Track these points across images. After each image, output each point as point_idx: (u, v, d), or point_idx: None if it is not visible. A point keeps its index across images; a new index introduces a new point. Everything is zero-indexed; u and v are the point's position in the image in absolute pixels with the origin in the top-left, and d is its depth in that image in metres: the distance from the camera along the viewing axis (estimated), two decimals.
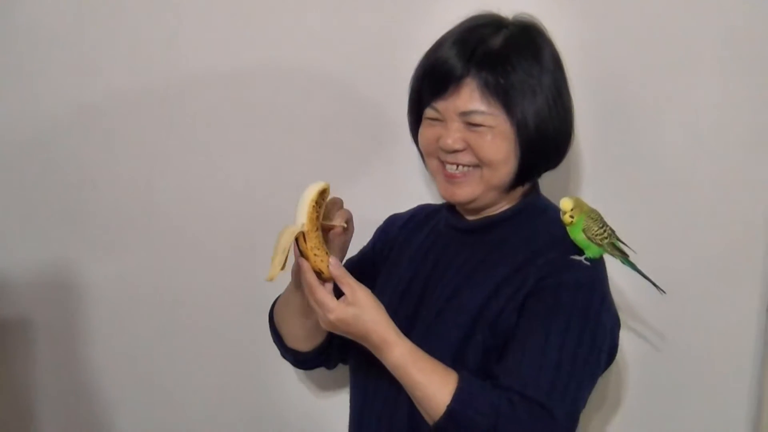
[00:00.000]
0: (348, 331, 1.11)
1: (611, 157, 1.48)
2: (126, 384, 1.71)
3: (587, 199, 1.18)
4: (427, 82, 1.18)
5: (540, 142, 1.16)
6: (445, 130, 1.17)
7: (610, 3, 1.43)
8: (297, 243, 1.12)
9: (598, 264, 1.17)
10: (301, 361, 1.38)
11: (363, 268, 1.31)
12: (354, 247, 1.31)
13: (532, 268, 1.15)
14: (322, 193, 1.13)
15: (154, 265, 1.67)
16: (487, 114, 1.14)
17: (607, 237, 1.16)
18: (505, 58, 1.13)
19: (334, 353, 1.37)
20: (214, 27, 1.57)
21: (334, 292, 1.13)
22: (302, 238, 1.11)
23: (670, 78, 1.43)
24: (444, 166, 1.20)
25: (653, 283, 1.22)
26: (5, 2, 1.63)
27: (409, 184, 1.52)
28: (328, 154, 1.56)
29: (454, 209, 1.28)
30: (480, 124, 1.14)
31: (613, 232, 1.18)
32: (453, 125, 1.16)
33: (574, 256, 1.15)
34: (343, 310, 1.09)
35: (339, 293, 1.12)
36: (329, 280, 1.13)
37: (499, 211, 1.23)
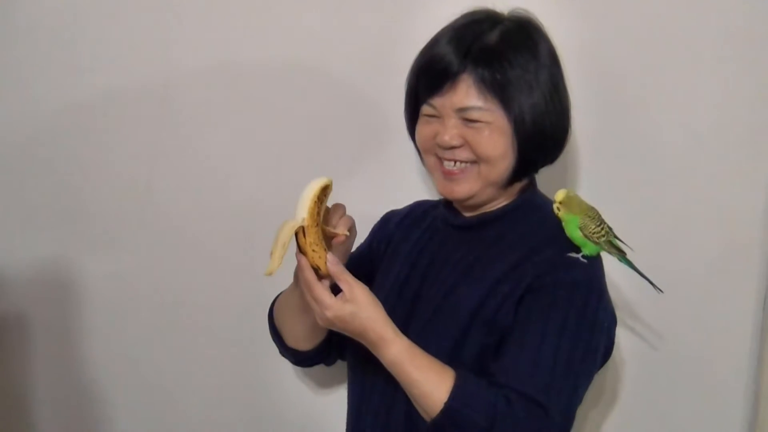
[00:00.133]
0: (345, 329, 1.11)
1: (609, 155, 1.48)
2: (124, 382, 1.71)
3: (585, 197, 1.18)
4: (424, 79, 1.18)
5: (537, 137, 1.16)
6: (442, 126, 1.17)
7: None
8: (296, 238, 1.11)
9: (596, 262, 1.17)
10: (301, 359, 1.37)
11: (360, 265, 1.30)
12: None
13: (529, 266, 1.15)
14: (325, 189, 1.12)
15: (152, 264, 1.66)
16: (484, 110, 1.14)
17: (605, 235, 1.15)
18: (501, 54, 1.13)
19: (334, 350, 1.37)
20: (213, 26, 1.57)
21: (331, 288, 1.12)
22: (302, 233, 1.10)
23: (669, 76, 1.43)
24: (441, 163, 1.19)
25: (651, 282, 1.21)
26: (4, 2, 1.63)
27: (406, 181, 1.51)
28: (326, 151, 1.57)
29: (451, 205, 1.27)
30: (477, 120, 1.14)
31: (610, 230, 1.18)
32: (450, 121, 1.16)
33: (572, 254, 1.15)
34: (341, 308, 1.09)
35: (336, 290, 1.12)
36: (327, 277, 1.12)
37: (497, 207, 1.23)
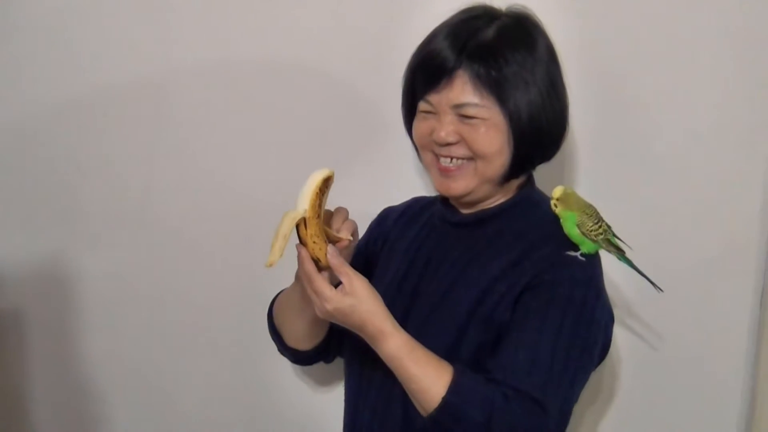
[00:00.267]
0: (345, 321, 1.11)
1: (608, 152, 1.47)
2: (122, 380, 1.71)
3: (583, 194, 1.18)
4: (420, 75, 1.18)
5: (534, 133, 1.16)
6: (439, 123, 1.16)
7: None
8: (297, 229, 1.10)
9: (594, 260, 1.16)
10: (300, 358, 1.37)
11: (357, 263, 1.29)
12: None
13: (527, 264, 1.14)
14: (326, 181, 1.11)
15: (150, 262, 1.66)
16: (480, 106, 1.13)
17: (602, 233, 1.15)
18: (498, 50, 1.13)
19: (333, 349, 1.36)
20: (210, 24, 1.57)
21: (330, 281, 1.12)
22: (303, 224, 1.09)
23: (669, 76, 1.43)
24: (438, 160, 1.19)
25: (650, 281, 1.21)
26: (2, 2, 1.63)
27: (403, 178, 1.51)
28: (323, 149, 1.56)
29: (448, 202, 1.27)
30: (473, 116, 1.14)
31: (608, 228, 1.17)
32: (446, 118, 1.15)
33: (570, 252, 1.14)
34: (340, 300, 1.08)
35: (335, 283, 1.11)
36: (326, 269, 1.12)
37: (494, 204, 1.23)
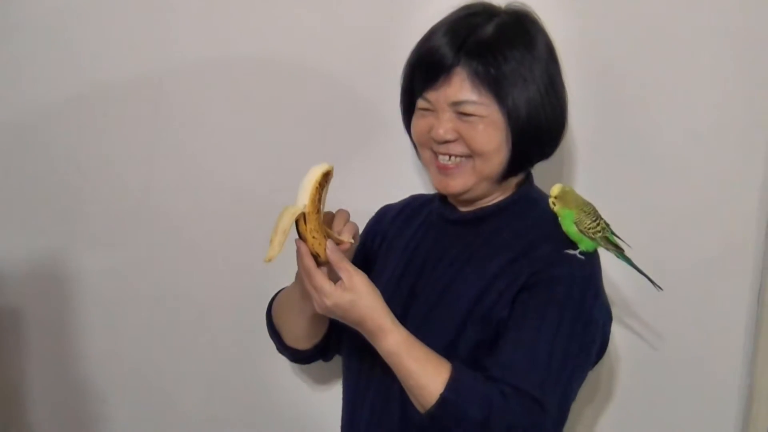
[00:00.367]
0: (344, 317, 1.10)
1: (607, 151, 1.47)
2: (120, 379, 1.70)
3: (582, 193, 1.17)
4: (419, 72, 1.18)
5: (532, 131, 1.15)
6: (437, 120, 1.16)
7: None
8: (297, 224, 1.10)
9: (593, 258, 1.16)
10: (300, 358, 1.37)
11: (355, 261, 1.28)
12: None
13: (525, 262, 1.14)
14: (326, 175, 1.11)
15: (149, 260, 1.65)
16: (478, 104, 1.13)
17: (601, 231, 1.14)
18: (496, 47, 1.12)
19: (332, 347, 1.36)
20: (209, 22, 1.56)
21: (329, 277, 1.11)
22: (302, 219, 1.09)
23: (668, 74, 1.43)
24: (437, 157, 1.19)
25: (650, 279, 1.20)
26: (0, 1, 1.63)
27: (402, 176, 1.50)
28: (321, 145, 1.56)
29: (446, 200, 1.26)
30: (471, 113, 1.13)
31: (607, 226, 1.16)
32: (444, 115, 1.15)
33: (569, 250, 1.14)
34: (340, 296, 1.08)
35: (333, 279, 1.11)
36: (325, 264, 1.11)
37: (493, 202, 1.22)
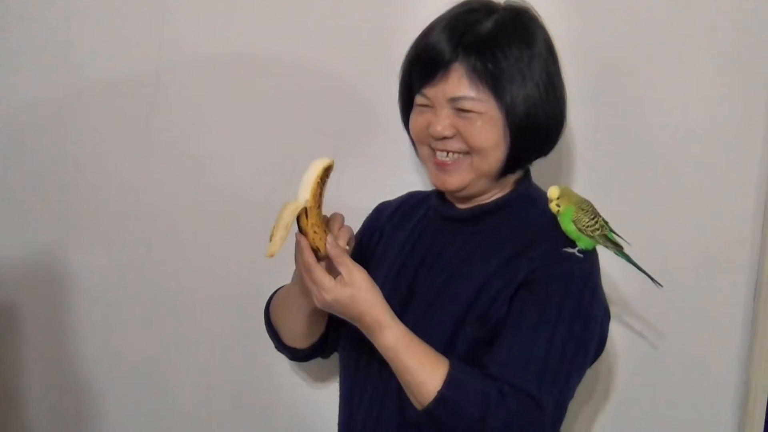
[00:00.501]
0: (343, 312, 1.10)
1: (605, 148, 1.47)
2: (116, 376, 1.70)
3: (580, 189, 1.17)
4: (417, 68, 1.17)
5: (530, 128, 1.15)
6: (435, 116, 1.15)
7: None
8: (298, 219, 1.10)
9: (591, 256, 1.16)
10: (298, 356, 1.37)
11: (352, 257, 1.29)
12: None
13: (523, 260, 1.13)
14: (327, 170, 1.11)
15: (145, 257, 1.65)
16: (476, 100, 1.12)
17: (599, 229, 1.13)
18: (494, 43, 1.12)
19: (330, 344, 1.36)
20: (206, 20, 1.55)
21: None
22: (304, 214, 1.09)
23: (667, 72, 1.44)
24: (434, 154, 1.18)
25: (649, 276, 1.20)
26: None
27: (399, 172, 1.50)
28: (318, 140, 1.55)
29: (444, 197, 1.26)
30: (469, 110, 1.13)
31: (606, 224, 1.16)
32: (442, 112, 1.15)
33: (567, 248, 1.13)
34: (340, 291, 1.08)
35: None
36: (325, 259, 1.11)
37: (491, 199, 1.22)
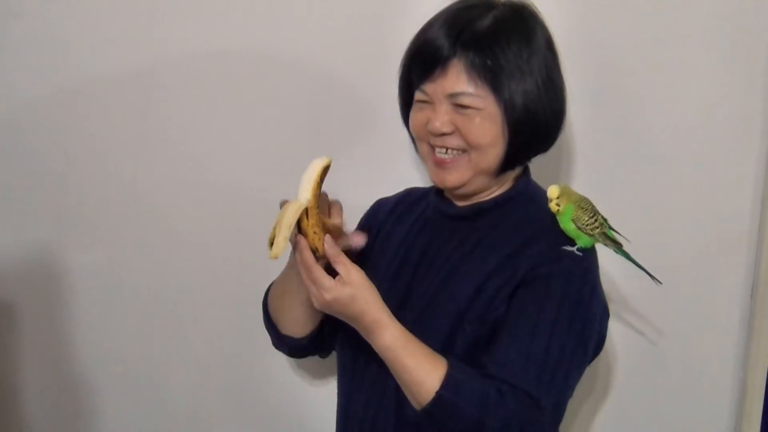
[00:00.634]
0: (342, 311, 1.10)
1: (604, 145, 1.47)
2: (113, 374, 1.69)
3: (579, 187, 1.16)
4: (416, 64, 1.17)
5: (529, 124, 1.14)
6: (434, 113, 1.15)
7: None
8: (298, 220, 1.10)
9: (590, 255, 1.15)
10: (296, 348, 1.36)
11: (349, 255, 1.28)
12: None
13: (522, 259, 1.13)
14: (326, 169, 1.12)
15: (141, 255, 1.64)
16: (475, 96, 1.12)
17: (599, 227, 1.13)
18: (493, 39, 1.11)
19: (327, 339, 1.35)
20: (204, 18, 1.54)
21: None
22: (304, 214, 1.09)
23: (666, 70, 1.44)
24: (434, 151, 1.18)
25: (649, 274, 1.19)
26: None
27: (398, 169, 1.49)
28: (316, 139, 1.55)
29: (443, 195, 1.25)
30: (468, 106, 1.12)
31: (605, 222, 1.15)
32: (441, 108, 1.14)
33: (566, 247, 1.13)
34: (340, 290, 1.08)
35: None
36: (323, 259, 1.11)
37: (490, 197, 1.21)
